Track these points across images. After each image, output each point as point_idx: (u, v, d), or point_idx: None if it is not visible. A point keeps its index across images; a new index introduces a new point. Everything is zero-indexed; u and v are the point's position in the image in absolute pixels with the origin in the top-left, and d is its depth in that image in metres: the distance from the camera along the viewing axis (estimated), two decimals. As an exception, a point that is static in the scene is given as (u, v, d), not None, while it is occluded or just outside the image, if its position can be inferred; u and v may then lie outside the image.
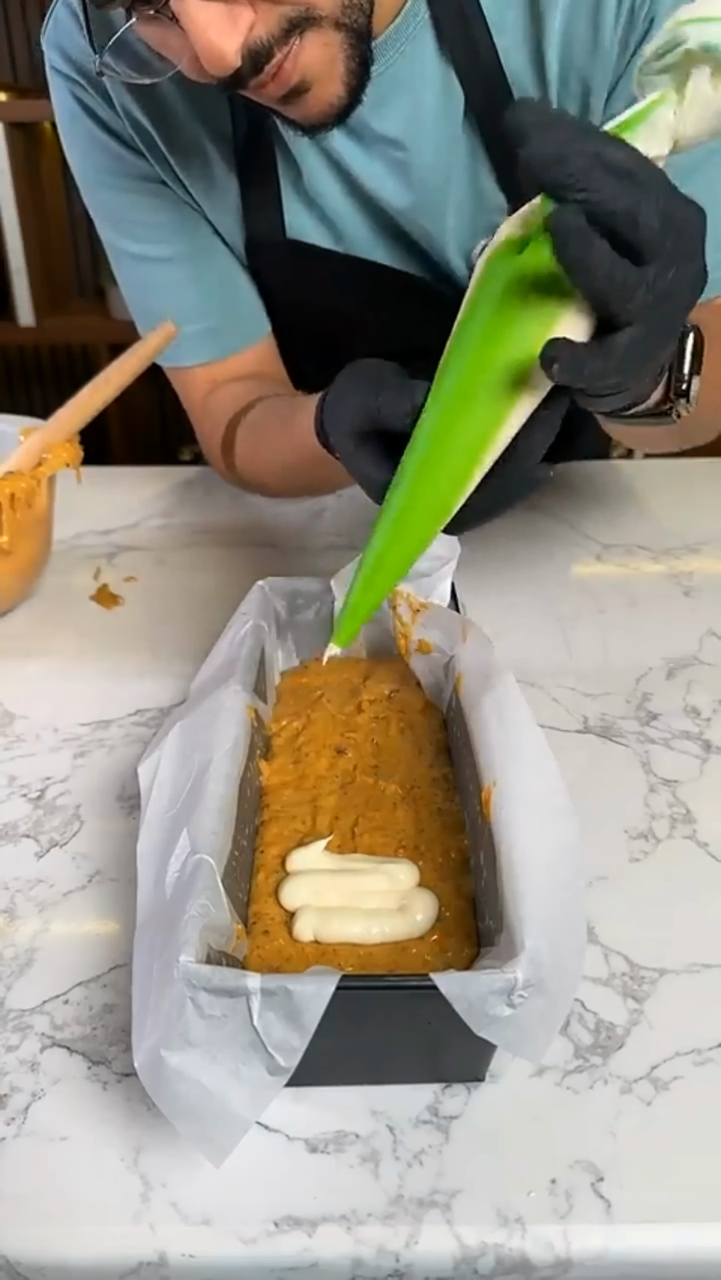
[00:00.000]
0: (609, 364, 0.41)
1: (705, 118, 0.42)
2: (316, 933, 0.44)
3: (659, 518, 0.94)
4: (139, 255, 0.85)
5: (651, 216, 0.39)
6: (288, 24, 0.58)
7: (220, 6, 0.56)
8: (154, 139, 0.77)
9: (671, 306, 0.42)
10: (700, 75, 0.40)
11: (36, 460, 0.75)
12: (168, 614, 0.80)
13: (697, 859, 0.55)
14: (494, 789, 0.46)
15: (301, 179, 0.76)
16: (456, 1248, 0.38)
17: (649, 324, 0.41)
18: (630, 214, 0.39)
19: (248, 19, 0.57)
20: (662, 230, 0.40)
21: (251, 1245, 0.38)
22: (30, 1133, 0.42)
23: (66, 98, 0.79)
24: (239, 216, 0.81)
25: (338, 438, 0.52)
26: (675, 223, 0.40)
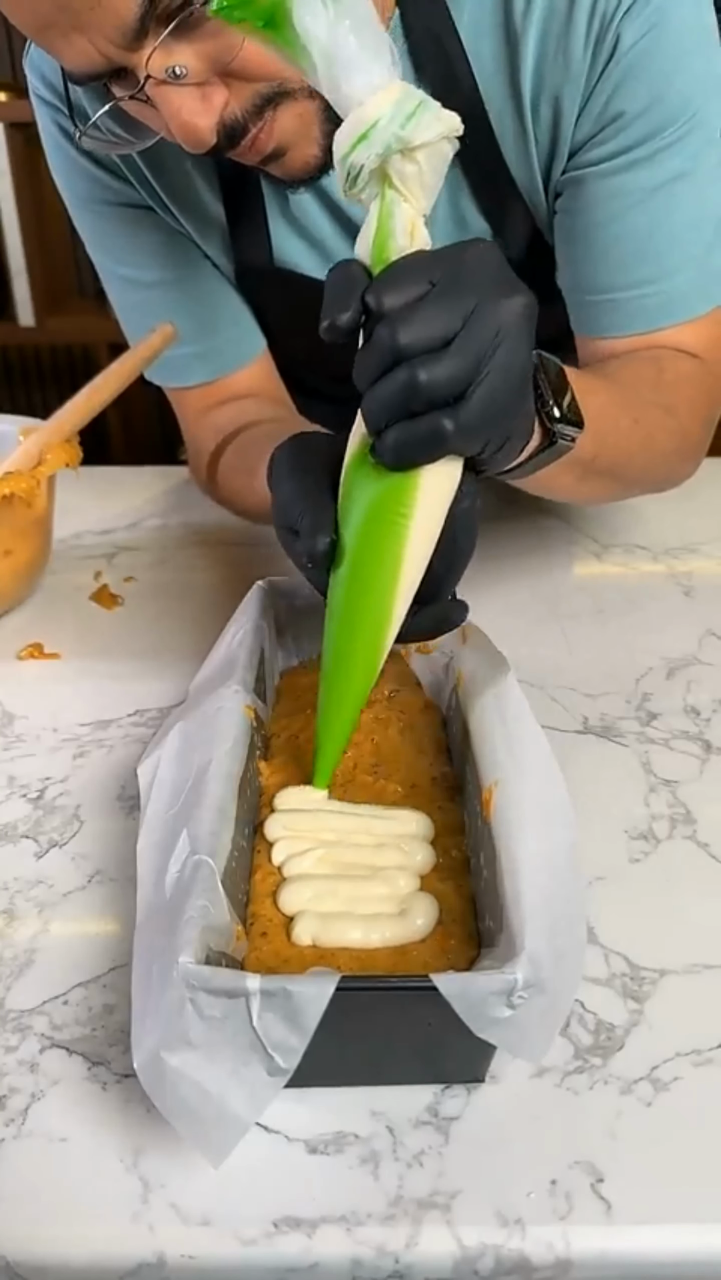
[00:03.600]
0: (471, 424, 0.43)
1: (426, 184, 0.44)
2: (315, 938, 0.44)
3: (659, 518, 0.94)
4: (127, 279, 0.85)
5: (447, 363, 0.42)
6: (261, 100, 0.59)
7: (193, 89, 0.57)
8: (139, 166, 0.77)
9: (506, 366, 0.43)
10: (395, 165, 0.43)
11: (36, 460, 0.75)
12: (168, 614, 0.80)
13: (697, 859, 0.55)
14: (495, 789, 0.46)
15: (289, 206, 0.76)
16: (456, 1248, 0.38)
17: (487, 396, 0.43)
18: (437, 367, 0.42)
19: (221, 97, 0.58)
20: (465, 334, 0.42)
21: (251, 1246, 0.38)
22: (30, 1133, 0.42)
23: (49, 123, 0.79)
24: (227, 243, 0.81)
25: (276, 529, 0.54)
26: (476, 312, 0.42)
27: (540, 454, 0.55)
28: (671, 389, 0.71)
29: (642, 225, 0.69)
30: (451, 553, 0.49)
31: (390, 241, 0.45)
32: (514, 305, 0.43)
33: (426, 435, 0.43)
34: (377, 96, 0.43)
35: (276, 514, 0.53)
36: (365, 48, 0.43)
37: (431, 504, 0.46)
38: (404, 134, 0.43)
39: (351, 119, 0.43)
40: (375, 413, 0.44)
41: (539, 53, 0.66)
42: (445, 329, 0.42)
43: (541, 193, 0.73)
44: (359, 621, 0.49)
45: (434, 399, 0.42)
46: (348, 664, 0.50)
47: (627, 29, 0.64)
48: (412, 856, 0.48)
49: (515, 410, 0.46)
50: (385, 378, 0.43)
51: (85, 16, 0.54)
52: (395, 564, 0.47)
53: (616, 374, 0.70)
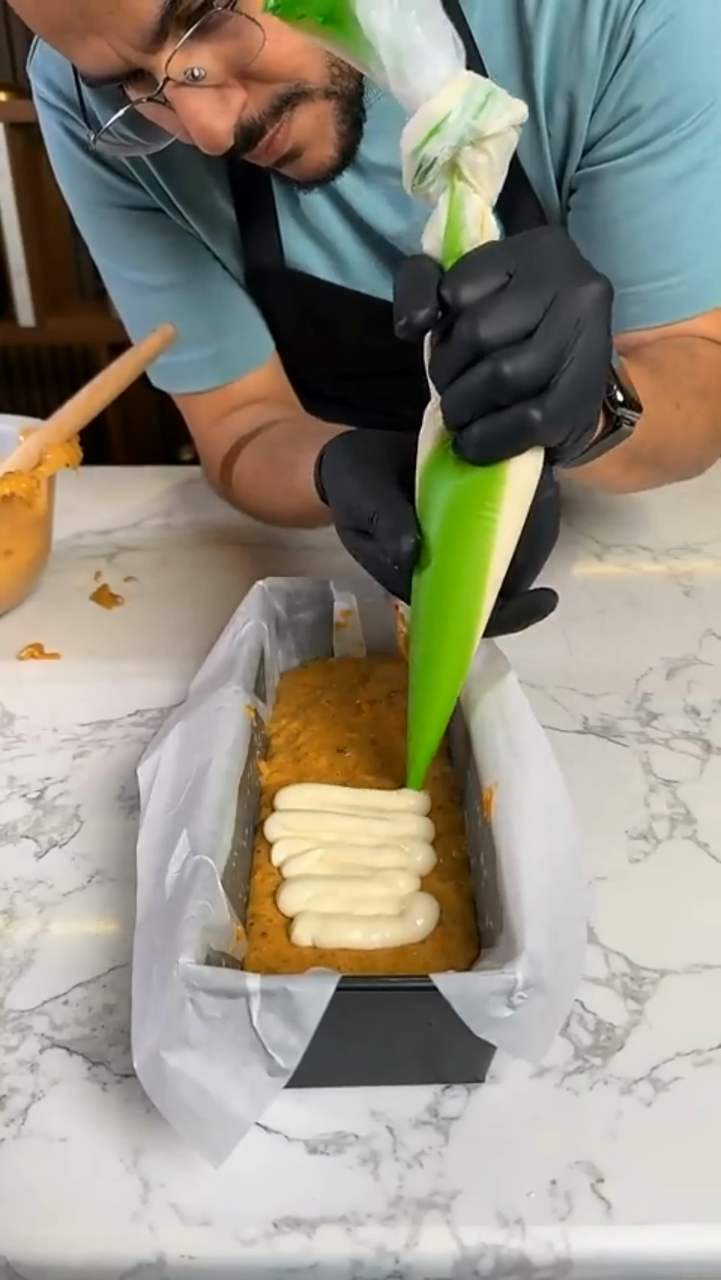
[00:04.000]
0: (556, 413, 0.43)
1: (495, 173, 0.44)
2: (315, 938, 0.44)
3: (659, 518, 0.94)
4: (136, 283, 0.84)
5: (531, 355, 0.42)
6: (279, 100, 0.59)
7: (211, 91, 0.57)
8: (149, 168, 0.77)
9: (587, 353, 0.43)
10: (466, 157, 0.43)
11: (36, 460, 0.75)
12: (168, 614, 0.80)
13: (697, 859, 0.55)
14: (495, 790, 0.46)
15: (299, 206, 0.76)
16: (456, 1249, 0.38)
17: (571, 385, 0.43)
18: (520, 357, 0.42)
19: (239, 99, 0.58)
20: (546, 324, 0.42)
21: (251, 1246, 0.38)
22: (30, 1133, 0.42)
23: (55, 127, 0.79)
24: (237, 244, 0.80)
25: (338, 529, 0.53)
26: (556, 302, 0.42)
27: (602, 440, 0.55)
28: (705, 373, 0.71)
29: (662, 217, 0.70)
30: (535, 543, 0.48)
31: (463, 233, 0.44)
32: (592, 292, 0.43)
33: (514, 427, 0.43)
34: (447, 89, 0.42)
35: (341, 514, 0.53)
36: (431, 38, 0.42)
37: (517, 496, 0.45)
38: (477, 125, 0.42)
39: (423, 112, 0.42)
40: (458, 407, 0.43)
41: (552, 49, 0.66)
42: (526, 320, 0.42)
43: (554, 190, 0.73)
44: (448, 620, 0.48)
45: (520, 391, 0.42)
46: (438, 663, 0.49)
47: (642, 23, 0.64)
48: (413, 857, 0.48)
49: (596, 397, 0.45)
50: (468, 372, 0.42)
51: (104, 19, 0.54)
52: (484, 559, 0.46)
53: (656, 359, 0.70)
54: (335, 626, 0.65)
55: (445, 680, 0.49)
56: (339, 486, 0.53)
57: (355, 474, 0.52)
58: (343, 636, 0.65)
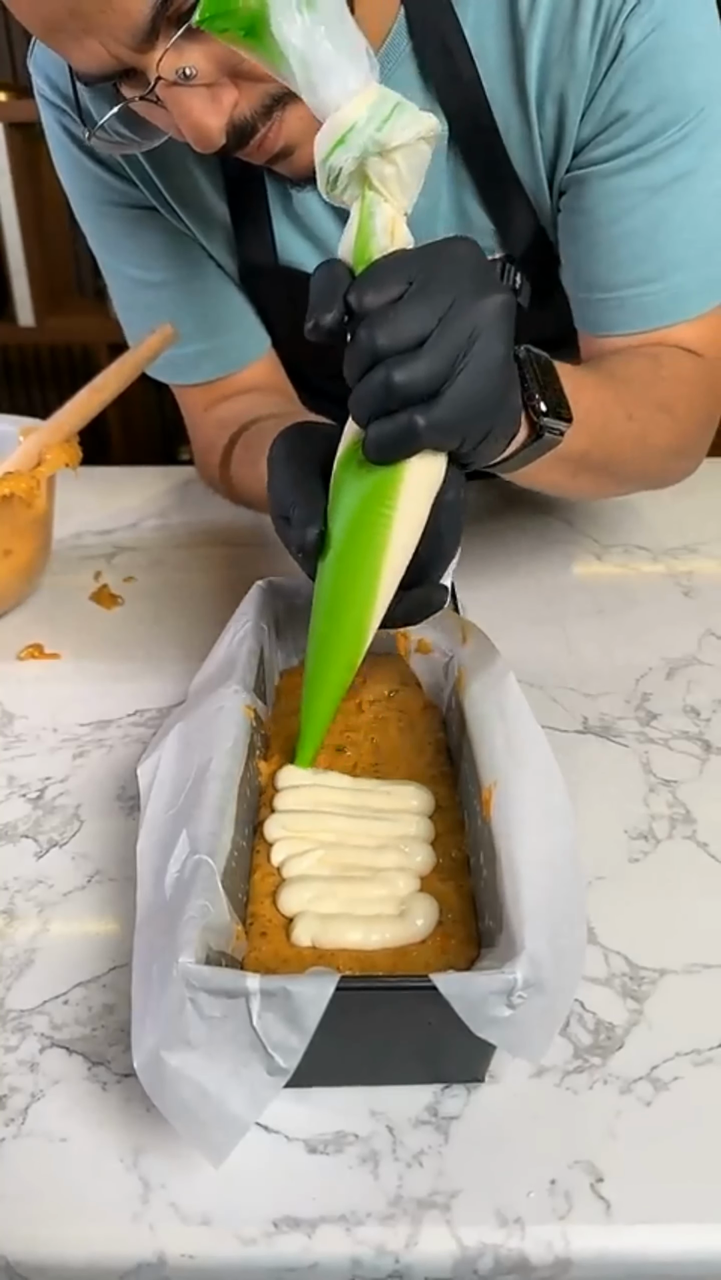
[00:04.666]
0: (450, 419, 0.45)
1: (405, 184, 0.46)
2: (315, 939, 0.44)
3: (659, 518, 0.94)
4: (132, 279, 0.85)
5: (422, 363, 0.43)
6: (270, 99, 0.60)
7: (203, 90, 0.57)
8: (144, 166, 0.77)
9: (481, 363, 0.44)
10: (373, 167, 0.44)
11: (36, 460, 0.75)
12: (167, 614, 0.80)
13: (697, 859, 0.55)
14: (494, 789, 0.46)
15: (291, 203, 0.76)
16: (456, 1248, 0.38)
17: (460, 393, 0.44)
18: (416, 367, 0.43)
19: (231, 98, 0.59)
20: (439, 333, 0.43)
21: (251, 1246, 0.38)
22: (30, 1133, 0.42)
23: (54, 125, 0.80)
24: (231, 242, 0.81)
25: (270, 513, 0.55)
26: (451, 311, 0.44)
27: (527, 448, 0.56)
28: (669, 386, 0.71)
29: (645, 224, 0.70)
30: (436, 542, 0.50)
31: (371, 241, 0.46)
32: (490, 303, 0.44)
33: (401, 432, 0.44)
34: (354, 100, 0.44)
35: (271, 502, 0.55)
36: (341, 52, 0.44)
37: (415, 497, 0.47)
38: (380, 136, 0.44)
39: (329, 123, 0.44)
40: (358, 410, 0.46)
41: (544, 51, 0.66)
42: (420, 329, 0.44)
43: (545, 191, 0.73)
44: (343, 609, 0.50)
45: (408, 398, 0.44)
46: (332, 649, 0.51)
47: (632, 28, 0.64)
48: (412, 858, 0.48)
49: (493, 406, 0.47)
50: (365, 377, 0.44)
51: (96, 19, 0.54)
52: (379, 554, 0.48)
53: (613, 370, 0.70)
54: (335, 626, 0.65)
55: (337, 665, 0.52)
56: (273, 477, 0.55)
57: (286, 466, 0.54)
58: (342, 636, 0.65)
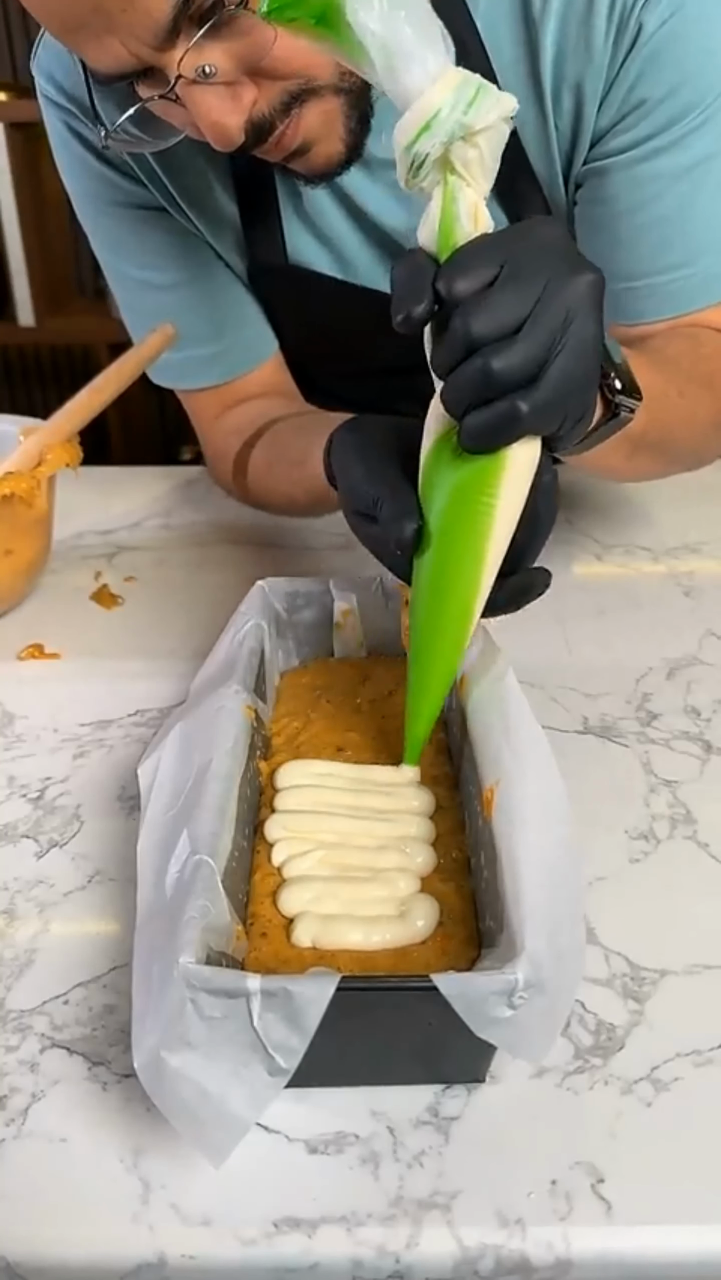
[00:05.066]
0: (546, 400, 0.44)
1: (487, 167, 0.45)
2: (315, 939, 0.44)
3: (659, 518, 0.94)
4: (139, 281, 0.85)
5: (522, 348, 0.43)
6: (288, 97, 0.60)
7: (223, 88, 0.57)
8: (152, 166, 0.77)
9: (577, 344, 0.44)
10: (457, 152, 0.44)
11: (36, 460, 0.75)
12: (168, 614, 0.80)
13: (697, 859, 0.55)
14: (495, 789, 0.46)
15: (301, 202, 0.76)
16: (456, 1249, 0.38)
17: (559, 376, 0.44)
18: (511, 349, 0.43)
19: (250, 96, 0.58)
20: (535, 317, 0.43)
21: (251, 1246, 0.38)
22: (30, 1133, 0.42)
23: (59, 125, 0.79)
24: (240, 241, 0.80)
25: (345, 513, 0.55)
26: (545, 294, 0.43)
27: (601, 427, 0.56)
28: (711, 363, 0.71)
29: (670, 211, 0.70)
30: (533, 526, 0.49)
31: (456, 227, 0.45)
32: (582, 283, 0.44)
33: (503, 419, 0.44)
34: (437, 85, 0.43)
35: (348, 499, 0.54)
36: (420, 37, 0.43)
37: (515, 484, 0.46)
38: (467, 120, 0.43)
39: (414, 110, 0.43)
40: (454, 399, 0.45)
41: (559, 42, 0.66)
42: (515, 314, 0.43)
43: (560, 184, 0.73)
44: (447, 603, 0.49)
45: (508, 385, 0.43)
46: (437, 644, 0.50)
47: (649, 16, 0.64)
48: (413, 858, 0.48)
49: (588, 386, 0.46)
50: (461, 366, 0.44)
51: (118, 18, 0.54)
52: (482, 545, 0.47)
53: (658, 350, 0.70)
54: (335, 626, 0.65)
55: (443, 658, 0.51)
56: (345, 472, 0.54)
57: (361, 460, 0.53)
58: (342, 636, 0.65)
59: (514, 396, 0.43)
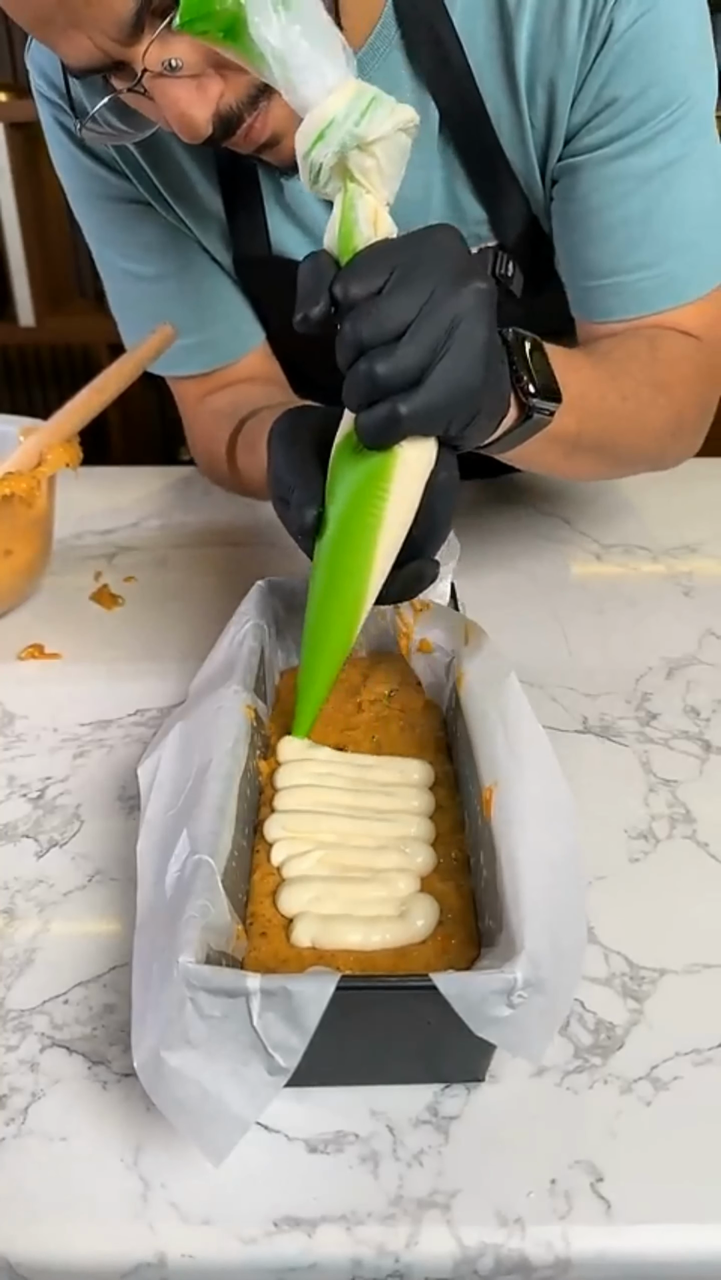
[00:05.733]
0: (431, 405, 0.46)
1: (386, 175, 0.47)
2: (315, 939, 0.44)
3: (659, 518, 0.94)
4: (127, 272, 0.85)
5: (407, 350, 0.45)
6: (255, 90, 0.60)
7: (189, 80, 0.58)
8: (137, 160, 0.77)
9: (461, 349, 0.46)
10: (354, 160, 0.46)
11: (36, 460, 0.75)
12: (168, 614, 0.80)
13: (697, 859, 0.55)
14: (496, 789, 0.46)
15: (284, 194, 0.77)
16: (456, 1248, 0.38)
17: (441, 381, 0.45)
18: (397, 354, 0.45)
19: (217, 89, 0.59)
20: (419, 323, 0.45)
21: (251, 1245, 0.38)
22: (30, 1133, 0.42)
23: (50, 121, 0.80)
24: (225, 234, 0.81)
25: (270, 495, 0.57)
26: (432, 300, 0.45)
27: (518, 428, 0.57)
28: (666, 366, 0.72)
29: (640, 210, 0.70)
30: (429, 520, 0.51)
31: (355, 232, 0.47)
32: (469, 290, 0.45)
33: (385, 420, 0.46)
34: (332, 96, 0.45)
35: (270, 484, 0.56)
36: (317, 50, 0.45)
37: (406, 479, 0.49)
38: (358, 131, 0.45)
39: (309, 119, 0.46)
40: (348, 399, 0.47)
41: (533, 37, 0.67)
42: (401, 320, 0.45)
43: (538, 178, 0.74)
44: (339, 587, 0.52)
45: (390, 387, 0.45)
46: (328, 626, 0.53)
47: (621, 14, 0.64)
48: (413, 858, 0.48)
49: (475, 390, 0.47)
50: (351, 368, 0.46)
51: (82, 12, 0.55)
52: (373, 535, 0.50)
53: (608, 352, 0.71)
54: (335, 626, 0.65)
55: (333, 642, 0.53)
56: (272, 460, 0.56)
57: (284, 448, 0.55)
58: (342, 636, 0.65)
59: (395, 399, 0.45)
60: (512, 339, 0.57)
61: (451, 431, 0.48)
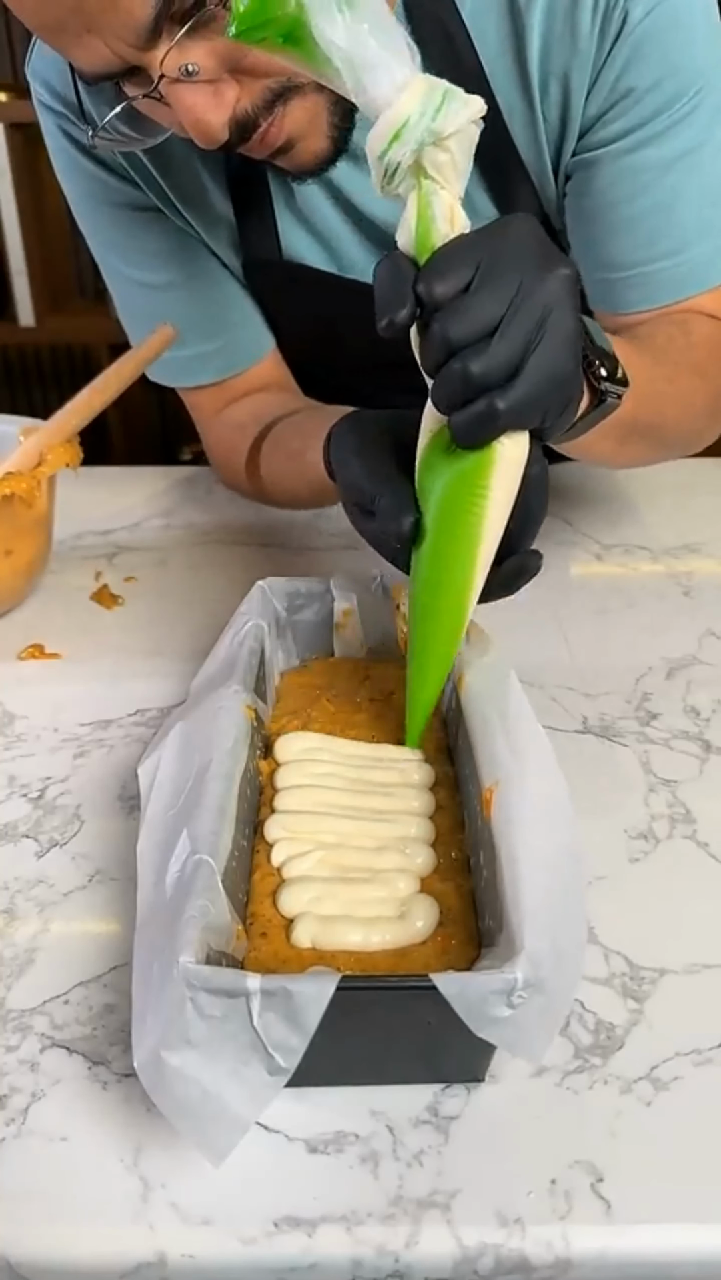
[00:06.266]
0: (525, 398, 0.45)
1: (460, 169, 0.46)
2: (315, 940, 0.44)
3: (659, 518, 0.94)
4: (136, 281, 0.85)
5: (500, 344, 0.44)
6: (271, 95, 0.60)
7: (205, 86, 0.57)
8: (146, 167, 0.77)
9: (554, 340, 0.45)
10: (429, 157, 0.45)
11: (36, 460, 0.75)
12: (168, 614, 0.80)
13: (697, 859, 0.55)
14: (496, 789, 0.46)
15: (294, 198, 0.77)
16: (456, 1248, 0.38)
17: (535, 374, 0.45)
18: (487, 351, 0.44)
19: (233, 94, 0.59)
20: (510, 317, 0.44)
21: (251, 1245, 0.38)
22: (30, 1133, 0.42)
23: (54, 130, 0.80)
24: (235, 240, 0.81)
25: (345, 507, 0.56)
26: (520, 292, 0.44)
27: (588, 415, 0.57)
28: (701, 349, 0.72)
29: (660, 200, 0.70)
30: (525, 514, 0.51)
31: (433, 229, 0.46)
32: (556, 278, 0.45)
33: (483, 418, 0.45)
34: (405, 94, 0.44)
35: (346, 492, 0.55)
36: (385, 47, 0.44)
37: (505, 477, 0.48)
38: (435, 126, 0.44)
39: (383, 120, 0.44)
40: (440, 400, 0.46)
41: (545, 32, 0.67)
42: (491, 316, 0.44)
43: (550, 175, 0.74)
44: (444, 592, 0.51)
45: (486, 385, 0.44)
46: (435, 632, 0.52)
47: (635, 5, 0.65)
48: (413, 859, 0.48)
49: (569, 379, 0.47)
50: (443, 368, 0.45)
51: (99, 18, 0.54)
52: (476, 535, 0.49)
53: (647, 337, 0.71)
54: (335, 626, 0.65)
55: (441, 646, 0.53)
56: (344, 468, 0.55)
57: (359, 455, 0.54)
58: (342, 636, 0.65)
59: (492, 395, 0.44)
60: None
61: (546, 423, 0.48)
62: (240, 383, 0.88)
